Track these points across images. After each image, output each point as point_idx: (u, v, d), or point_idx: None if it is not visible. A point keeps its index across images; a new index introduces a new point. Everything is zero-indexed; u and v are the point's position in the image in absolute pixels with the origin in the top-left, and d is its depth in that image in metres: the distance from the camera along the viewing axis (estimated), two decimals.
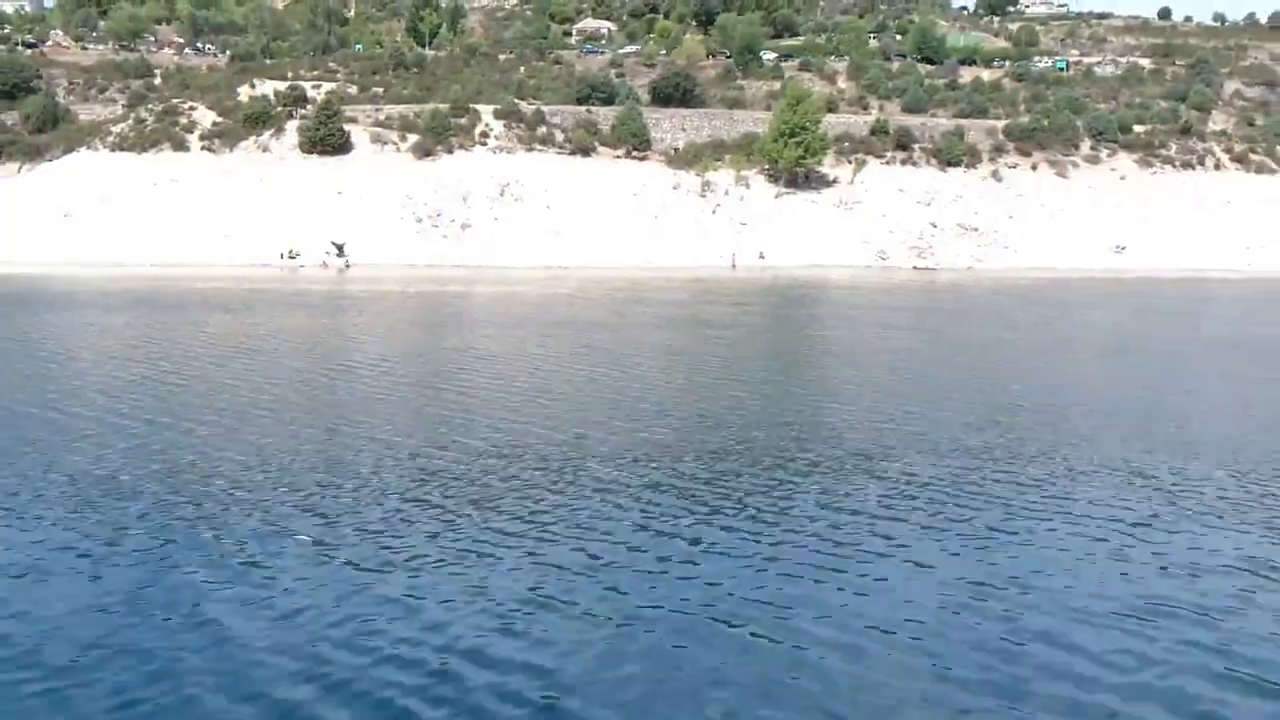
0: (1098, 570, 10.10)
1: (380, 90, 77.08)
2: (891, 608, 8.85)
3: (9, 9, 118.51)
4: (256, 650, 8.09)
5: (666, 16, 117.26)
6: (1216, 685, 8.04)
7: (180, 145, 69.16)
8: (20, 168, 72.95)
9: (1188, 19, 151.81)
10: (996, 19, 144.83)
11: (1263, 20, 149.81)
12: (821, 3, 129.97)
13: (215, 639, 8.15)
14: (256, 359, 23.85)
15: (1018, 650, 8.52)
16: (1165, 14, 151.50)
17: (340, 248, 58.56)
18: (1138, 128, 79.81)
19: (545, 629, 8.61)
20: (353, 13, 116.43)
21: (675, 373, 22.55)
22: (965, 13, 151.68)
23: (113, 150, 69.08)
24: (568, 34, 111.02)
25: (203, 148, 69.35)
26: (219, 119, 71.50)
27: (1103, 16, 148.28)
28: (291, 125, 69.91)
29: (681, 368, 23.39)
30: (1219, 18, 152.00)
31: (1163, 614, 9.15)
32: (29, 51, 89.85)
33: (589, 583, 9.45)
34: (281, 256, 57.76)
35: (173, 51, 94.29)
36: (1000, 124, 77.95)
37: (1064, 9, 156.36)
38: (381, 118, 71.95)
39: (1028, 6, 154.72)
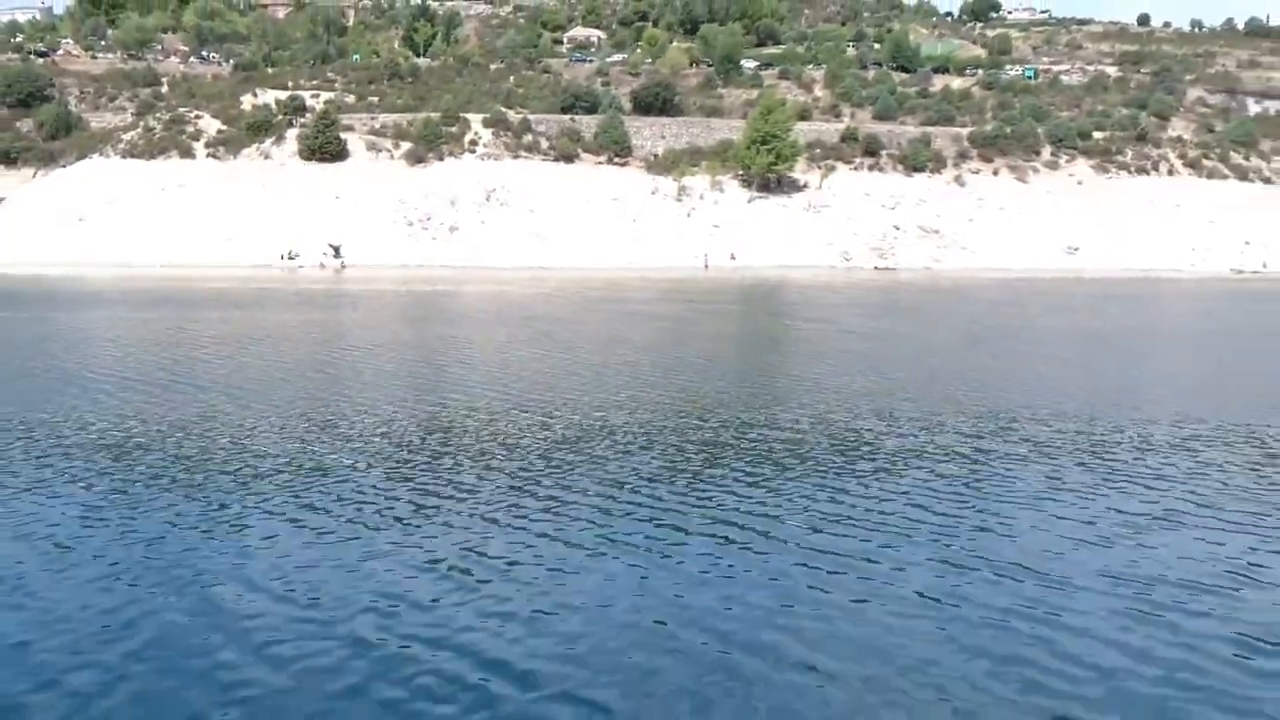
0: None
1: (376, 99, 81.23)
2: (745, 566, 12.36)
3: (21, 18, 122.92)
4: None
5: (655, 25, 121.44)
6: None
7: (187, 152, 73.36)
8: (35, 173, 77.24)
9: (1166, 24, 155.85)
10: (979, 25, 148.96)
11: (1240, 26, 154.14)
12: (806, 11, 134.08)
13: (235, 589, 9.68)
14: (273, 344, 28.17)
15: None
16: (1144, 20, 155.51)
17: (337, 249, 62.69)
18: (1097, 134, 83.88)
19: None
20: (352, 21, 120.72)
21: (608, 353, 26.58)
22: (950, 18, 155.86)
23: (123, 157, 73.25)
24: (558, 42, 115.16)
25: (208, 154, 73.57)
26: (223, 127, 75.70)
27: (1083, 23, 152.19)
28: (292, 133, 74.09)
29: (616, 350, 27.44)
30: (1196, 24, 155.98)
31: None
32: (41, 60, 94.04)
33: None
34: (281, 258, 61.90)
35: (178, 60, 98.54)
36: (965, 131, 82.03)
37: (1046, 15, 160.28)
38: (377, 126, 76.15)
39: (1010, 13, 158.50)
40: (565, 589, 9.81)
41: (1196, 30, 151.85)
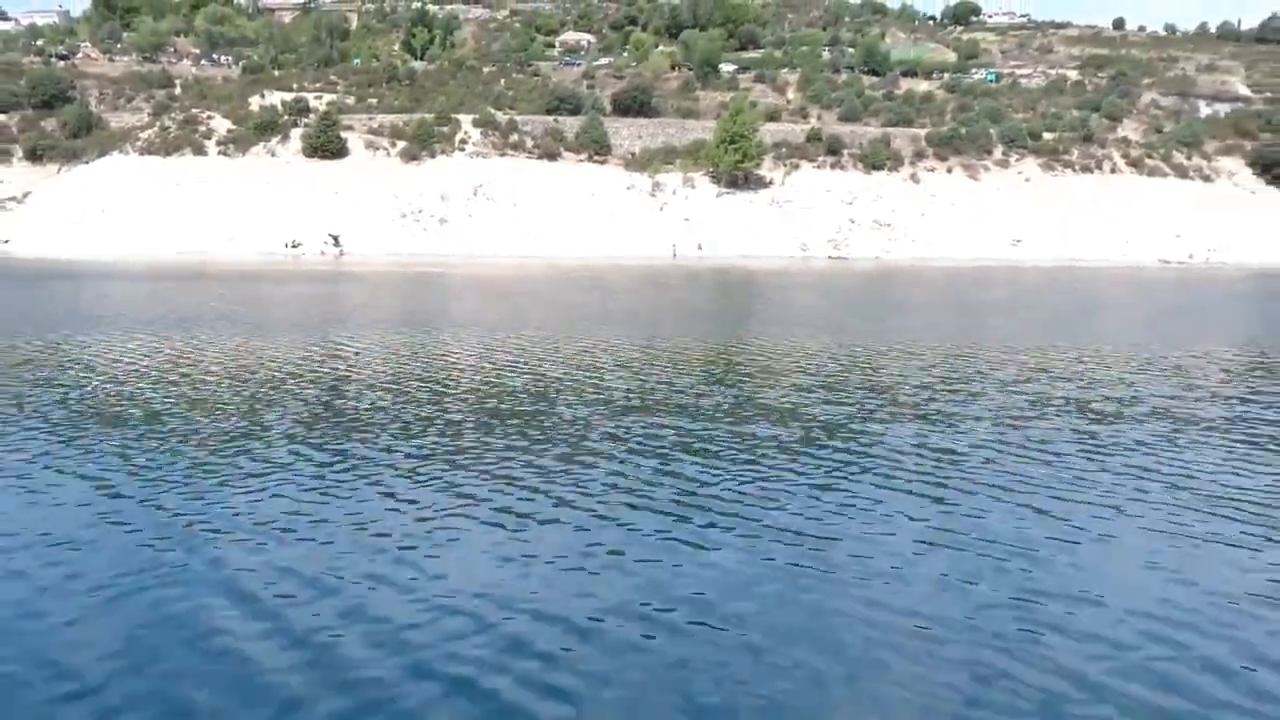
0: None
1: (375, 101, 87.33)
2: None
3: (40, 22, 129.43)
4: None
5: (644, 29, 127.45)
6: None
7: (199, 150, 79.57)
8: (59, 169, 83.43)
9: (1141, 29, 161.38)
10: (959, 28, 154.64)
11: (1213, 30, 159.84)
12: (790, 16, 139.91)
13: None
14: (289, 302, 34.69)
15: None
16: (1119, 24, 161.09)
17: (336, 239, 68.82)
18: (1047, 135, 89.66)
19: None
20: (355, 25, 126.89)
21: (554, 316, 32.63)
22: (932, 21, 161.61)
23: (141, 154, 79.44)
24: (550, 45, 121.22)
25: (219, 152, 79.74)
26: (233, 126, 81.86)
27: (1061, 26, 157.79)
28: (296, 133, 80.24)
29: (563, 314, 33.48)
30: (1170, 28, 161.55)
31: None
32: (62, 63, 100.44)
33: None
34: (286, 246, 68.04)
35: (190, 63, 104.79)
36: (923, 132, 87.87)
37: (1025, 18, 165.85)
38: (375, 126, 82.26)
39: (991, 16, 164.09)
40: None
41: (1170, 34, 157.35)
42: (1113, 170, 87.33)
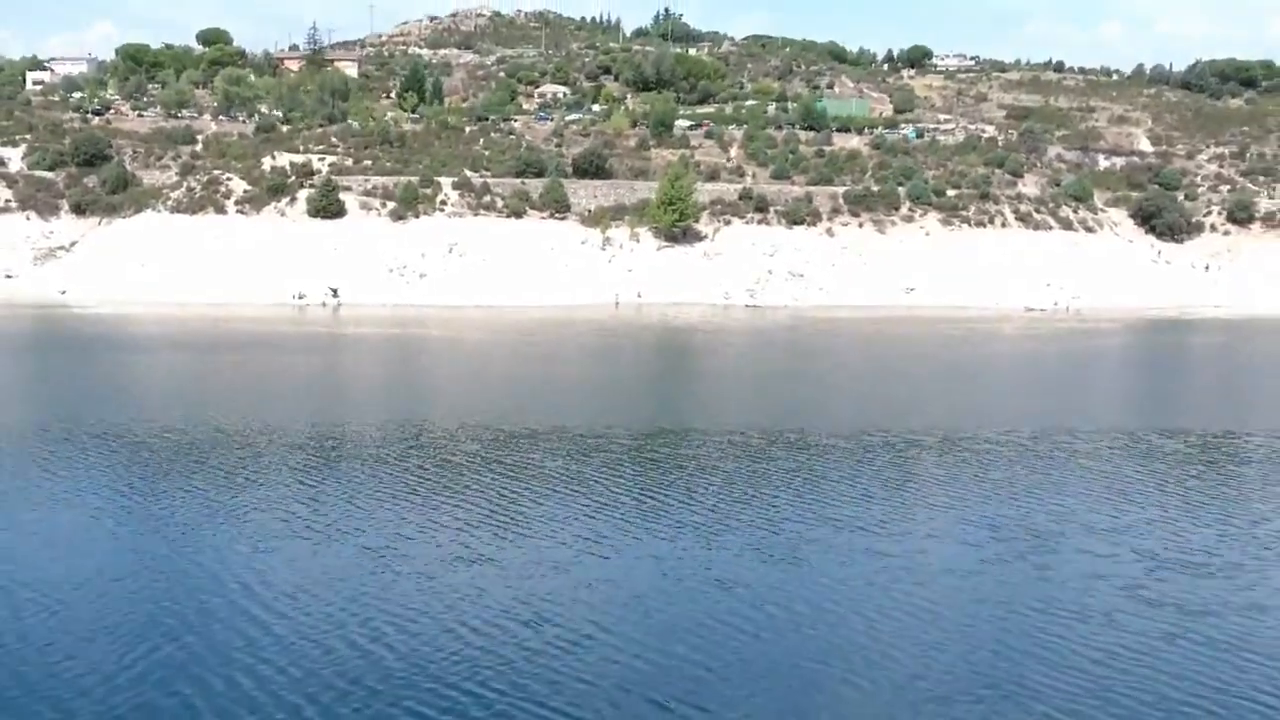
0: None
1: (369, 163, 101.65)
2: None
3: (72, 70, 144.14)
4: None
5: (616, 79, 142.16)
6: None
7: (220, 209, 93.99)
8: (99, 221, 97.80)
9: (1081, 70, 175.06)
10: (912, 70, 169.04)
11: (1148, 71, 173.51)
12: (750, 65, 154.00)
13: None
14: (312, 342, 48.74)
15: None
16: (1060, 66, 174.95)
17: (335, 291, 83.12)
18: (950, 192, 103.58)
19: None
20: (355, 73, 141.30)
21: (496, 336, 46.78)
22: (886, 65, 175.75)
23: (171, 212, 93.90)
24: (530, 96, 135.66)
25: (237, 210, 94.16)
26: (249, 187, 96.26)
27: (1005, 69, 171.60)
28: (302, 195, 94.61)
29: (497, 352, 47.62)
30: (1105, 70, 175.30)
31: None
32: (97, 119, 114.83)
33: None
34: (293, 298, 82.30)
35: (210, 118, 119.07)
36: (841, 190, 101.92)
37: (974, 60, 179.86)
38: (369, 187, 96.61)
39: (942, 59, 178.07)
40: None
41: (1105, 76, 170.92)
42: (1003, 225, 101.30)
